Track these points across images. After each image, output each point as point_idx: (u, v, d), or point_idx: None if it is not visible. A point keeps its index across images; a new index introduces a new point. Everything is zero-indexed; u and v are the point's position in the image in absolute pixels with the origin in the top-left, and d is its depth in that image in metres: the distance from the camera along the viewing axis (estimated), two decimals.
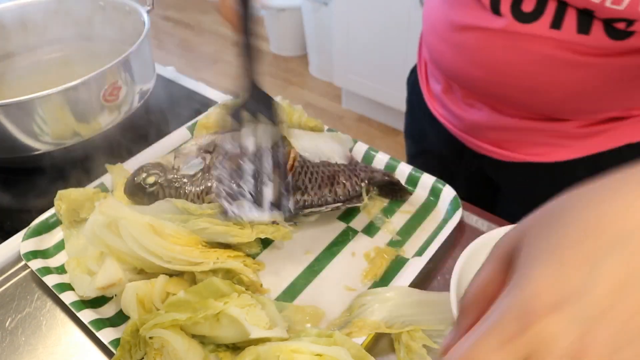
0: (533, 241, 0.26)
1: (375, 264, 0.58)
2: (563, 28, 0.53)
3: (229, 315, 0.46)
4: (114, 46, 0.86)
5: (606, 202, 0.26)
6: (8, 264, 0.60)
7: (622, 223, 0.25)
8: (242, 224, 0.57)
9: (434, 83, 0.76)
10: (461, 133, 0.73)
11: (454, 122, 0.74)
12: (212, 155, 0.64)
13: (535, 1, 0.54)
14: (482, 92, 0.65)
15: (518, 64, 0.58)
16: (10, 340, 0.53)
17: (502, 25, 0.56)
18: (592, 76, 0.56)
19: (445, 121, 0.75)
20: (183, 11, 3.35)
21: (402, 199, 0.67)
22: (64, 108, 0.67)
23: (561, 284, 0.24)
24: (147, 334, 0.46)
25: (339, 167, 0.64)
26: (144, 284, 0.51)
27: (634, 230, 0.24)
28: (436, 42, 0.67)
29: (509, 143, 0.69)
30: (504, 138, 0.69)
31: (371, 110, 2.29)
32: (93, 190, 0.63)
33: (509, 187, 0.77)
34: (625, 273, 0.24)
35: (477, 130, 0.70)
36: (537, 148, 0.67)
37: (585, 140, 0.64)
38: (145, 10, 0.81)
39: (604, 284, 0.23)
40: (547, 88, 0.58)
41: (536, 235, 0.27)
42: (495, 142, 0.70)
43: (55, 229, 0.63)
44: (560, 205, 0.28)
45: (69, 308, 0.53)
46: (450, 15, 0.62)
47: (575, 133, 0.63)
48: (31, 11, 0.85)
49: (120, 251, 0.53)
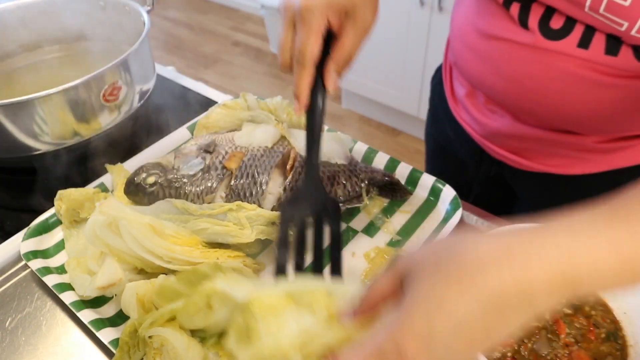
0: (417, 275, 0.33)
1: (375, 264, 0.58)
2: (591, 48, 0.52)
3: (218, 293, 0.44)
4: (114, 46, 0.86)
5: (489, 266, 0.31)
6: (8, 264, 0.60)
7: (489, 294, 0.30)
8: (242, 225, 0.57)
9: (458, 86, 0.75)
10: (481, 138, 0.73)
11: (475, 126, 0.73)
12: (211, 155, 0.64)
13: (565, 18, 0.53)
14: (504, 102, 0.64)
15: (542, 79, 0.57)
16: (11, 340, 0.53)
17: (529, 40, 0.55)
18: (617, 97, 0.55)
19: (466, 125, 0.75)
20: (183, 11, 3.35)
21: (402, 199, 0.67)
22: (64, 108, 0.67)
23: (425, 336, 0.31)
24: (147, 334, 0.46)
25: (339, 167, 0.64)
26: (144, 284, 0.51)
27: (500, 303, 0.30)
28: (461, 47, 0.67)
29: (528, 152, 0.68)
30: (523, 147, 0.68)
31: (371, 110, 2.29)
32: (93, 190, 0.63)
33: (526, 195, 0.76)
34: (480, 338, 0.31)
35: (497, 136, 0.70)
36: (556, 159, 0.66)
37: (605, 156, 0.63)
38: (145, 10, 0.81)
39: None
40: (570, 105, 0.58)
41: (422, 269, 0.33)
42: (514, 150, 0.70)
43: (55, 229, 0.63)
44: (450, 250, 0.33)
45: (69, 308, 0.53)
46: (478, 24, 0.62)
47: (595, 148, 0.63)
48: (31, 11, 0.86)
49: (120, 251, 0.53)
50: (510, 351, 0.46)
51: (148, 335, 0.46)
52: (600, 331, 0.47)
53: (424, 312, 0.31)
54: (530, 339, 0.46)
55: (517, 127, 0.65)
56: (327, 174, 0.63)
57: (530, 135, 0.65)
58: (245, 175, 0.61)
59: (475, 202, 0.68)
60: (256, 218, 0.57)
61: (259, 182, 0.61)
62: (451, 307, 0.30)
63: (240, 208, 0.57)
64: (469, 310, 0.30)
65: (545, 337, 0.46)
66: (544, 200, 0.73)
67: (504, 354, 0.45)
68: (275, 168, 0.63)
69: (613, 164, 0.63)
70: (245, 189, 0.61)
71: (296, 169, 0.62)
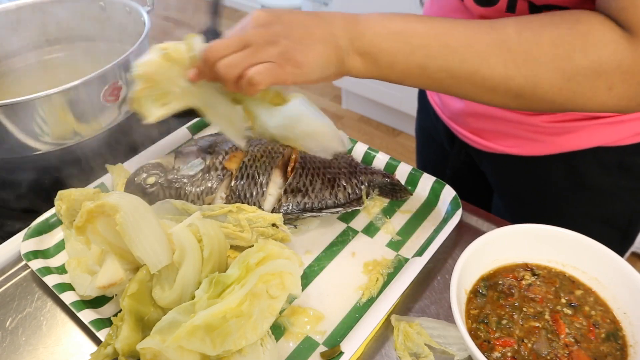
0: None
1: (371, 280, 0.57)
2: (517, 11, 0.55)
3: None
4: (114, 46, 0.87)
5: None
6: (8, 264, 0.60)
7: (314, 15, 0.51)
8: (242, 227, 0.57)
9: None
10: (448, 120, 0.76)
11: (443, 109, 0.77)
12: (212, 155, 0.64)
13: None
14: None
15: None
16: (11, 340, 0.53)
17: (466, 8, 0.61)
18: None
19: (437, 107, 0.78)
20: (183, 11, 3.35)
21: (402, 199, 0.67)
22: (64, 108, 0.67)
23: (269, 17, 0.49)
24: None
25: (339, 169, 0.64)
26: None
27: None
28: None
29: (485, 133, 0.71)
30: (481, 127, 0.71)
31: (371, 110, 2.29)
32: (93, 191, 0.63)
33: (493, 179, 0.78)
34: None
35: (459, 117, 0.73)
36: (511, 140, 0.68)
37: (558, 137, 0.65)
38: (145, 10, 0.81)
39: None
40: None
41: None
42: (475, 131, 0.72)
43: (56, 229, 0.63)
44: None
45: (69, 308, 0.53)
46: (435, 11, 0.68)
47: (546, 128, 0.64)
48: (31, 11, 0.86)
49: (122, 249, 0.53)
50: (510, 351, 0.46)
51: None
52: (600, 331, 0.47)
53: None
54: (530, 339, 0.46)
55: (471, 105, 0.69)
56: (328, 177, 0.63)
57: (484, 112, 0.68)
58: (245, 176, 0.61)
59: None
60: (256, 220, 0.57)
61: (259, 183, 0.61)
62: (287, 13, 0.50)
63: (240, 210, 0.57)
64: (301, 15, 0.51)
65: (545, 337, 0.46)
66: (509, 185, 0.76)
67: (504, 354, 0.45)
68: (275, 169, 0.63)
69: (565, 146, 0.65)
70: (245, 189, 0.61)
71: (297, 171, 0.62)
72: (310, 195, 0.61)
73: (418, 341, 0.50)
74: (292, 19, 0.50)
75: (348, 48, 0.50)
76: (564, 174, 0.67)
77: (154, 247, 0.48)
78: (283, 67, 0.48)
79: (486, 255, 0.52)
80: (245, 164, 0.62)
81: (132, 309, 0.48)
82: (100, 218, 0.50)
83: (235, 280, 0.47)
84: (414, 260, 0.57)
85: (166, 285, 0.50)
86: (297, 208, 0.61)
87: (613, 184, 0.66)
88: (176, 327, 0.44)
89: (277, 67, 0.48)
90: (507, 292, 0.50)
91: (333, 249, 0.61)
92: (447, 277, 0.57)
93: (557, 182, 0.68)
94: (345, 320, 0.53)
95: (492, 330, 0.47)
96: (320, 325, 0.52)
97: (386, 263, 0.58)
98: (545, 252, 0.52)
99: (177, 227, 0.51)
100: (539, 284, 0.51)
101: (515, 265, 0.53)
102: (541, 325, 0.47)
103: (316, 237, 0.62)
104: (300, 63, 0.48)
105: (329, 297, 0.55)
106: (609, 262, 0.49)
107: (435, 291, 0.56)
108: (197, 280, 0.49)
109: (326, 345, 0.51)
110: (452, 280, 0.47)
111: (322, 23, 0.50)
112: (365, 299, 0.55)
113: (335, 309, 0.54)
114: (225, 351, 0.44)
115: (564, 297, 0.50)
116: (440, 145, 0.84)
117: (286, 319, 0.53)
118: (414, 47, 0.49)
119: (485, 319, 0.48)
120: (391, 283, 0.55)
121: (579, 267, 0.51)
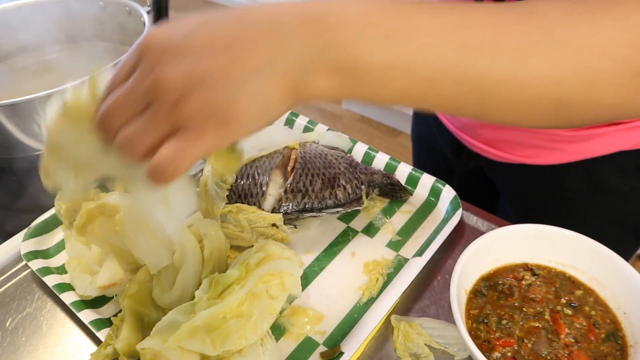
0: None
1: (371, 281, 0.57)
2: None
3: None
4: (114, 46, 0.87)
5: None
6: (8, 264, 0.60)
7: (240, 15, 0.34)
8: (242, 227, 0.57)
9: None
10: (458, 131, 0.74)
11: (452, 119, 0.74)
12: None
13: None
14: None
15: None
16: (11, 340, 0.53)
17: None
18: None
19: (444, 118, 0.76)
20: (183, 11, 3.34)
21: (402, 199, 0.67)
22: None
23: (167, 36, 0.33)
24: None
25: (339, 169, 0.64)
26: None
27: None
28: None
29: (501, 143, 0.69)
30: (497, 138, 0.69)
31: (371, 110, 2.29)
32: (93, 191, 0.63)
33: (505, 187, 0.77)
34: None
35: (472, 128, 0.71)
36: (528, 150, 0.67)
37: (577, 145, 0.63)
38: (145, 10, 0.81)
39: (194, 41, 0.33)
40: None
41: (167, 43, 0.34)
42: (488, 142, 0.70)
43: (56, 229, 0.63)
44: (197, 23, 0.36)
45: (69, 308, 0.53)
46: None
47: (566, 136, 0.63)
48: (31, 11, 0.86)
49: (121, 250, 0.53)
50: (510, 351, 0.46)
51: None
52: (600, 331, 0.47)
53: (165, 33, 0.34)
54: (530, 339, 0.46)
55: None
56: (328, 177, 0.63)
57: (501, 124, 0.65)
58: (245, 176, 0.61)
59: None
60: (256, 220, 0.57)
61: (259, 183, 0.61)
62: (201, 27, 0.33)
63: (240, 210, 0.57)
64: (225, 24, 0.33)
65: (545, 337, 0.46)
66: (521, 191, 0.74)
67: (504, 354, 0.45)
68: (275, 169, 0.63)
69: (584, 153, 0.63)
70: (245, 190, 0.61)
71: (297, 171, 0.62)
72: (310, 195, 0.61)
73: (418, 341, 0.50)
74: (210, 38, 0.32)
75: (312, 65, 0.32)
76: (581, 179, 0.65)
77: (154, 248, 0.48)
78: (203, 134, 0.32)
79: (486, 255, 0.52)
80: (245, 164, 0.62)
81: (132, 309, 0.48)
82: (100, 218, 0.50)
83: (235, 281, 0.47)
84: (414, 261, 0.57)
85: (166, 285, 0.50)
86: (297, 208, 0.61)
87: (630, 186, 0.65)
88: (176, 328, 0.44)
89: (192, 138, 0.32)
90: (507, 292, 0.50)
91: (333, 249, 0.61)
92: (447, 277, 0.57)
93: (572, 187, 0.66)
94: (345, 320, 0.53)
95: (492, 330, 0.47)
96: (320, 326, 0.52)
97: (386, 263, 0.59)
98: (545, 252, 0.52)
99: None
100: (539, 284, 0.51)
101: (515, 265, 0.53)
102: (541, 326, 0.47)
103: (316, 237, 0.62)
104: (228, 118, 0.32)
105: (329, 297, 0.55)
106: (609, 262, 0.49)
107: (435, 291, 0.56)
108: (197, 280, 0.49)
109: (326, 345, 0.51)
110: (452, 280, 0.47)
111: (263, 34, 0.32)
112: (365, 299, 0.55)
113: (335, 309, 0.54)
114: (225, 351, 0.44)
115: (564, 297, 0.50)
116: (440, 153, 0.82)
117: (286, 319, 0.53)
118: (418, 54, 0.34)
119: (485, 319, 0.48)
120: (391, 283, 0.55)
121: (579, 267, 0.51)
